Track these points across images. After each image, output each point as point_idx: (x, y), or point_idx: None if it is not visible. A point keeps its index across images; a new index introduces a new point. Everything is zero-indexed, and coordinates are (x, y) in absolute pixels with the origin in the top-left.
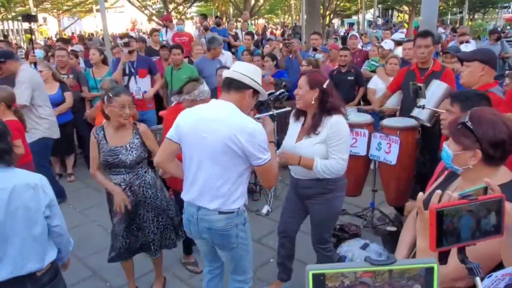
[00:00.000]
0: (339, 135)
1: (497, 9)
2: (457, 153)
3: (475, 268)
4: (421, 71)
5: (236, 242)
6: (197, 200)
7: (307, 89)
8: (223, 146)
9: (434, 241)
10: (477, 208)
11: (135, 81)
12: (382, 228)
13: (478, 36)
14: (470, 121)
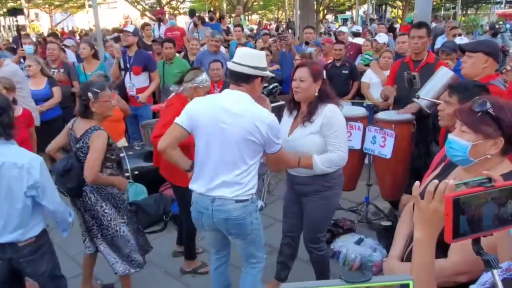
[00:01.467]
0: (335, 125)
1: (489, 5)
2: (476, 143)
3: (492, 260)
4: (415, 63)
5: (250, 229)
6: (212, 190)
7: (311, 81)
8: (243, 136)
9: (451, 231)
10: (497, 194)
11: (130, 77)
12: (376, 223)
13: (471, 31)
14: (492, 107)
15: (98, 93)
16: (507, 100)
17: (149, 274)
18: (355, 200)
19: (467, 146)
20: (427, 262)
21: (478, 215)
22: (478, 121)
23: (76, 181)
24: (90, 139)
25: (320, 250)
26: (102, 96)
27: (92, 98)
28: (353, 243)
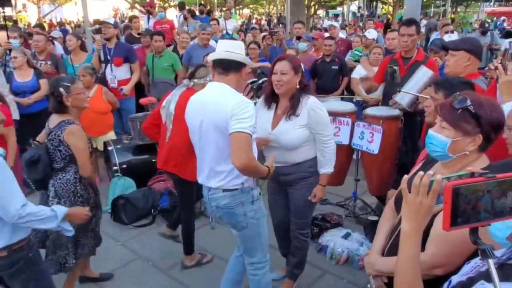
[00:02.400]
0: (321, 119)
1: (479, 3)
2: (456, 140)
3: (488, 250)
4: (404, 60)
5: (245, 221)
6: (206, 181)
7: (293, 74)
8: (216, 127)
9: (449, 220)
10: (497, 185)
11: (111, 69)
12: (364, 218)
13: (461, 28)
14: (472, 104)
15: (69, 86)
16: (487, 97)
17: (136, 268)
18: (343, 195)
19: (446, 142)
20: (414, 254)
21: (475, 205)
22: (458, 118)
23: (42, 173)
24: (65, 135)
25: (306, 236)
26: (74, 89)
27: (65, 93)
28: (341, 237)
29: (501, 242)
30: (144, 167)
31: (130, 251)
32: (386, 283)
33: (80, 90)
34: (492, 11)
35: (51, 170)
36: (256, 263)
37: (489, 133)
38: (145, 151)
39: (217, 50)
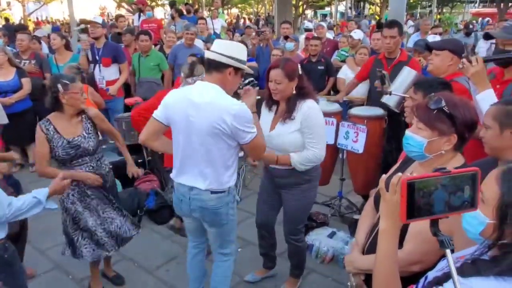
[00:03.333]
0: (312, 122)
1: (464, 4)
2: (432, 140)
3: (446, 241)
4: (388, 61)
5: (226, 219)
6: (189, 180)
7: (287, 82)
8: (210, 128)
9: (405, 212)
10: (450, 181)
11: (99, 69)
12: (349, 217)
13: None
14: (447, 105)
15: (68, 84)
16: (461, 97)
17: (123, 269)
18: (328, 194)
19: (423, 142)
20: (391, 251)
21: (430, 199)
22: (433, 118)
23: None
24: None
25: (300, 241)
26: (72, 87)
27: (62, 90)
28: (326, 236)
29: (475, 238)
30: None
31: (115, 252)
32: (364, 280)
33: (77, 90)
34: (477, 12)
35: None
36: (227, 253)
37: (463, 132)
38: (131, 151)
39: (212, 49)
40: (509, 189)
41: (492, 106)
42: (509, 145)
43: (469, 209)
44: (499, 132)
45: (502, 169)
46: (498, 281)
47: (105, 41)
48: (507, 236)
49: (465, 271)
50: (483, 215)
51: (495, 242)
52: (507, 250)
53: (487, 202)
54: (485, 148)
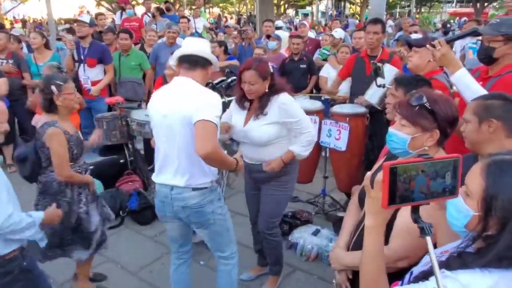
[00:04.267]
0: (293, 111)
1: (441, 4)
2: (415, 136)
3: (427, 228)
4: (370, 58)
5: (212, 218)
6: (169, 179)
7: (261, 82)
8: (184, 121)
9: (386, 198)
10: (432, 166)
11: (84, 69)
12: (333, 214)
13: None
14: (428, 101)
15: (61, 85)
16: (441, 93)
17: (105, 271)
18: (312, 192)
19: (406, 139)
20: (377, 247)
21: (411, 185)
22: (416, 115)
23: (29, 170)
24: (45, 137)
25: (275, 236)
26: (66, 88)
27: (56, 92)
28: (310, 234)
29: (459, 231)
30: (111, 168)
31: (97, 253)
32: (350, 278)
33: (71, 90)
34: (454, 12)
35: (39, 167)
36: (228, 256)
37: (445, 128)
38: (112, 152)
39: (183, 46)
40: (493, 182)
41: (472, 101)
42: (487, 139)
43: (450, 196)
44: (478, 125)
45: (486, 162)
46: (484, 273)
47: (91, 41)
48: (491, 227)
49: (451, 264)
50: (468, 208)
51: (480, 234)
52: (491, 241)
53: (471, 195)
54: (465, 142)
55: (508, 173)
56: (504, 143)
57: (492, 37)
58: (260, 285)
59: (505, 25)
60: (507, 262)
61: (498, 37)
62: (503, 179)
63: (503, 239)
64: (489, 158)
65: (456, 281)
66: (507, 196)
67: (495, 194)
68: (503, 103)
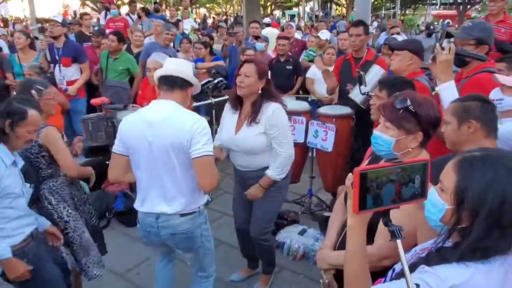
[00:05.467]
0: (278, 125)
1: (426, 6)
2: (399, 138)
3: (397, 231)
4: (356, 60)
5: (201, 241)
6: (155, 207)
7: (256, 78)
8: (169, 145)
9: (357, 203)
10: (401, 171)
11: (59, 69)
12: (319, 214)
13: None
14: (412, 104)
15: (42, 90)
16: (424, 95)
17: None
18: (299, 192)
19: (391, 141)
20: (359, 246)
21: (381, 189)
22: (400, 117)
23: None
24: (43, 139)
25: (268, 241)
26: (46, 93)
27: (37, 96)
28: (297, 234)
29: (436, 225)
30: (97, 169)
31: None
32: (334, 275)
33: (51, 95)
34: (438, 14)
35: (38, 180)
36: (207, 275)
37: (428, 130)
38: (98, 153)
39: (164, 67)
40: (464, 176)
41: (451, 102)
42: (467, 139)
43: (419, 199)
44: (457, 127)
45: (457, 158)
46: (460, 266)
47: (65, 40)
48: (464, 220)
49: (430, 260)
50: (443, 202)
51: (454, 227)
52: (465, 233)
53: (446, 190)
54: (446, 143)
55: (478, 167)
56: (482, 143)
57: (465, 41)
58: (247, 285)
59: (476, 29)
60: (480, 254)
61: (470, 40)
62: (473, 173)
63: (475, 230)
64: (461, 155)
65: (435, 276)
66: (476, 189)
67: (466, 188)
68: (480, 104)
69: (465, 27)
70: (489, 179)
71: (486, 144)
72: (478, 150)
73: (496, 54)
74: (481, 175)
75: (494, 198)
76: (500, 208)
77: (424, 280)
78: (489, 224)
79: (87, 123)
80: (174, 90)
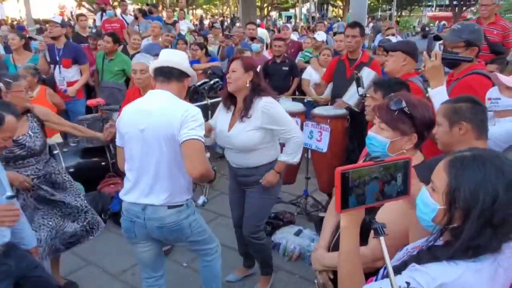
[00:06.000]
0: (277, 116)
1: (422, 7)
2: (394, 140)
3: (379, 228)
4: (351, 62)
5: (190, 232)
6: (142, 198)
7: (242, 71)
8: (162, 134)
9: (339, 203)
10: (383, 170)
11: (59, 70)
12: (315, 215)
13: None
14: (407, 106)
15: (10, 83)
16: (419, 97)
17: (87, 274)
18: (294, 193)
19: (386, 142)
20: (353, 247)
21: (364, 188)
22: (395, 119)
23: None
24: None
25: (259, 239)
26: (15, 86)
27: (4, 89)
28: (293, 235)
29: (428, 225)
30: (93, 170)
31: (78, 257)
32: (331, 278)
33: (21, 88)
34: (434, 16)
35: None
36: (209, 253)
37: (422, 131)
38: (94, 154)
39: (159, 58)
40: (455, 176)
41: (442, 104)
42: (458, 140)
43: (402, 196)
44: (449, 128)
45: (448, 159)
46: (450, 265)
47: (66, 41)
48: (456, 219)
49: (421, 258)
50: (435, 202)
51: (446, 227)
52: (457, 232)
53: (437, 190)
54: (438, 144)
55: (469, 167)
56: (473, 144)
57: (455, 43)
58: (243, 285)
59: (465, 31)
60: (472, 252)
61: (460, 43)
62: (464, 173)
63: (467, 229)
64: (452, 155)
65: (426, 274)
66: (468, 188)
67: (458, 187)
68: (471, 105)
69: (454, 29)
70: (480, 179)
71: (477, 145)
72: (469, 150)
73: (489, 56)
74: (472, 175)
75: (485, 198)
76: (491, 207)
77: (415, 279)
78: (481, 223)
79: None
80: (171, 81)
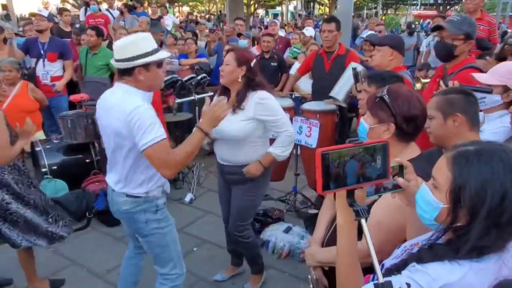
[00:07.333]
0: (270, 108)
1: (407, 6)
2: (372, 127)
3: (361, 210)
4: (328, 55)
5: (146, 228)
6: (111, 183)
7: (235, 65)
8: (113, 129)
9: (321, 184)
10: (363, 151)
11: (43, 64)
12: (304, 211)
13: (391, 29)
14: (388, 95)
15: None
16: (411, 91)
17: (71, 274)
18: (283, 190)
19: (366, 128)
20: (350, 244)
21: (344, 170)
22: (375, 105)
23: None
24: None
25: (246, 238)
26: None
27: None
28: (282, 232)
29: (430, 224)
30: (77, 167)
31: (62, 257)
32: (326, 271)
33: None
34: (419, 14)
35: None
36: (165, 274)
37: (401, 124)
38: (78, 151)
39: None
40: (460, 172)
41: (433, 97)
42: (453, 133)
43: (381, 179)
44: (443, 121)
45: (451, 154)
46: (453, 265)
47: (51, 36)
48: (461, 219)
49: (423, 257)
50: (437, 201)
51: (450, 226)
52: (461, 232)
53: (440, 187)
54: (430, 138)
55: (474, 163)
56: (468, 135)
57: (455, 35)
58: (232, 284)
59: (465, 23)
60: (477, 253)
61: (459, 35)
62: (470, 170)
63: (475, 229)
64: (454, 150)
65: (426, 275)
66: (474, 186)
67: (463, 185)
68: (463, 96)
69: (454, 21)
70: (487, 175)
71: (471, 136)
72: (470, 144)
73: (476, 52)
74: (478, 171)
75: (493, 196)
76: (500, 206)
77: (415, 280)
78: (488, 223)
79: (65, 121)
80: (123, 76)
